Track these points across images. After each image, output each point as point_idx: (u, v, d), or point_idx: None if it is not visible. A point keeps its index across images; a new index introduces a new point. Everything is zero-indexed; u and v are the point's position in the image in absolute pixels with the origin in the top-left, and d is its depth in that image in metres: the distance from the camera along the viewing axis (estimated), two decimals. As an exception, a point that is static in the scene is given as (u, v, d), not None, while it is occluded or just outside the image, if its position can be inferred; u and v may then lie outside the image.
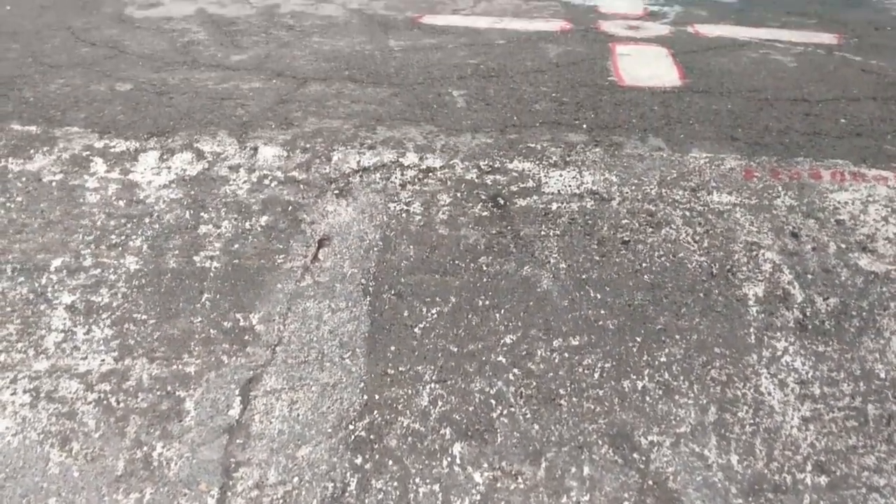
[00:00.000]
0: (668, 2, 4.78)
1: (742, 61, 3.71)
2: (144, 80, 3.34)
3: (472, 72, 3.56)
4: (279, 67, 3.55)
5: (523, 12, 4.54)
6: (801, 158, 2.74)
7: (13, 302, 2.06)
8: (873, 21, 4.39)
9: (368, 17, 4.36)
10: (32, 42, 3.80)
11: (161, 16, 4.29)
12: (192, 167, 2.67)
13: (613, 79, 3.49)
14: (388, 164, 2.73)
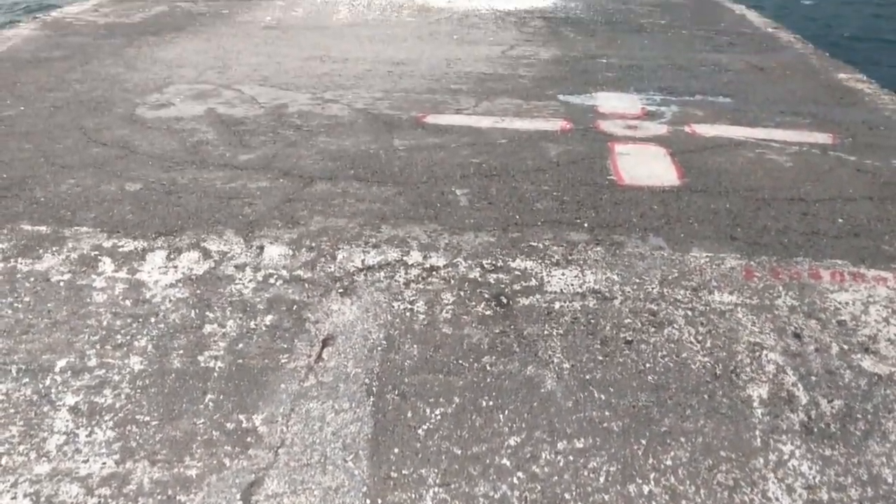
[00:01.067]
0: (665, 102, 4.91)
1: (739, 161, 3.79)
2: (154, 180, 3.41)
3: (474, 171, 3.64)
4: (286, 167, 3.63)
5: (524, 112, 4.65)
6: (801, 258, 2.77)
7: (17, 403, 2.06)
8: (867, 121, 4.49)
9: (374, 117, 4.47)
10: (45, 142, 3.89)
11: (172, 116, 4.41)
12: (198, 266, 2.70)
13: (613, 178, 3.57)
14: (392, 263, 2.76)
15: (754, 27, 7.87)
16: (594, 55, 6.39)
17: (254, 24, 7.56)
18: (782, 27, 7.86)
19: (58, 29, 6.97)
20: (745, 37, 7.28)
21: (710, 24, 7.99)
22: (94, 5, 8.47)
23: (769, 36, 7.34)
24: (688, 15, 8.70)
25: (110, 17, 7.71)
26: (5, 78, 5.14)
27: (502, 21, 7.98)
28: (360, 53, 6.28)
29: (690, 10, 9.09)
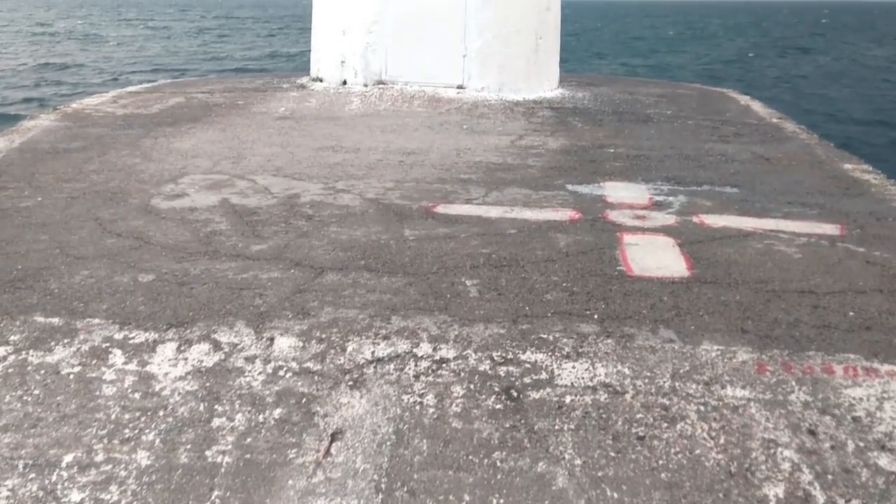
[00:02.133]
0: (673, 192, 4.97)
1: (748, 252, 3.80)
2: (167, 271, 3.45)
3: (484, 261, 3.66)
4: (298, 257, 3.67)
5: (533, 202, 4.71)
6: (813, 352, 2.76)
7: (22, 500, 2.03)
8: (874, 211, 4.52)
9: (385, 207, 4.53)
10: (60, 233, 3.95)
11: (186, 206, 4.48)
12: (208, 358, 2.70)
13: (622, 269, 3.58)
14: (402, 355, 2.76)
15: (759, 117, 8.01)
16: (602, 145, 6.50)
17: (268, 114, 7.74)
18: (787, 118, 8.00)
19: (77, 120, 7.16)
20: (750, 127, 7.41)
21: (716, 115, 8.14)
22: (113, 97, 8.72)
23: (774, 126, 7.47)
24: (693, 105, 8.87)
25: (128, 109, 7.92)
26: (25, 169, 5.26)
27: (511, 111, 8.15)
28: (371, 143, 6.41)
29: (696, 101, 9.27)
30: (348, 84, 9.27)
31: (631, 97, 9.42)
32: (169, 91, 9.38)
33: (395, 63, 9.15)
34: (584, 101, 8.98)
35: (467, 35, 8.93)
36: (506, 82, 9.08)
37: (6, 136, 6.38)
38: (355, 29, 9.14)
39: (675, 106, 8.73)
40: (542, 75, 9.51)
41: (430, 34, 9.02)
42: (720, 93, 10.23)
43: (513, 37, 9.06)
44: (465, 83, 9.03)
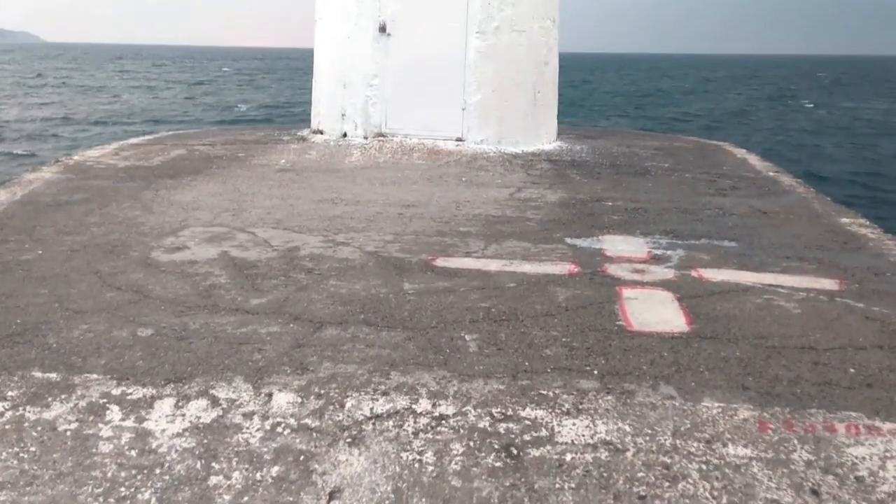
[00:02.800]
0: (671, 245, 4.98)
1: (747, 307, 3.80)
2: (166, 325, 3.44)
3: (483, 315, 3.66)
4: (297, 311, 3.67)
5: (532, 255, 4.73)
6: (815, 410, 2.74)
7: (15, 561, 2.00)
8: (872, 266, 4.54)
9: (384, 260, 4.55)
10: (60, 286, 3.95)
11: (186, 259, 4.49)
12: (206, 414, 2.68)
13: (622, 323, 3.58)
14: (400, 411, 2.74)
15: (756, 171, 8.08)
16: (600, 198, 6.54)
17: (269, 166, 7.80)
18: (783, 171, 8.06)
19: (79, 172, 7.21)
20: (747, 180, 7.46)
21: (713, 168, 8.21)
22: (115, 149, 8.80)
23: (771, 180, 7.53)
24: (690, 158, 8.95)
25: (130, 161, 7.98)
26: (26, 221, 5.28)
27: (510, 164, 8.22)
28: (371, 196, 6.45)
29: (693, 154, 9.36)
30: (349, 136, 9.37)
31: (628, 150, 9.51)
32: (171, 143, 9.46)
33: (395, 116, 9.26)
34: (582, 154, 9.06)
35: (467, 89, 9.06)
36: (505, 135, 9.18)
37: (8, 188, 6.43)
38: (356, 83, 9.26)
39: (672, 159, 8.80)
40: (540, 128, 9.62)
41: (429, 88, 9.14)
42: (716, 146, 10.33)
43: (511, 91, 9.19)
44: (464, 136, 9.12)
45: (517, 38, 9.14)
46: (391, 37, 9.08)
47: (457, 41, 9.04)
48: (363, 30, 9.14)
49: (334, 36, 9.46)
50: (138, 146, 9.13)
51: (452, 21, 8.99)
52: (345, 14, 9.25)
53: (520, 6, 9.08)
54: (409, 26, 9.06)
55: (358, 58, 9.22)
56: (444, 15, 9.03)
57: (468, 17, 8.96)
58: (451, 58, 9.06)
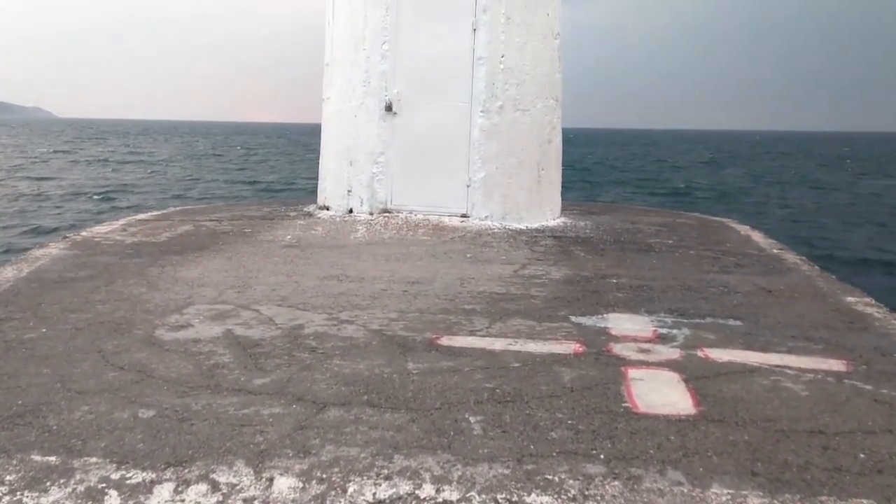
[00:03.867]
0: (676, 324, 4.97)
1: (754, 389, 3.77)
2: (167, 406, 3.42)
3: (488, 396, 3.62)
4: (300, 391, 3.64)
5: (537, 333, 4.71)
6: (825, 497, 2.69)
7: None
8: (879, 347, 4.50)
9: (388, 339, 4.53)
10: (62, 366, 3.94)
11: (189, 338, 4.48)
12: (206, 500, 2.64)
13: (628, 405, 3.54)
14: (403, 497, 2.69)
15: (759, 248, 8.10)
16: (604, 275, 6.54)
17: (275, 242, 7.85)
18: (787, 248, 8.08)
19: (86, 249, 7.25)
20: (751, 258, 7.47)
21: (717, 245, 8.23)
22: (123, 225, 8.87)
23: (775, 257, 7.54)
24: (694, 235, 8.98)
25: (137, 237, 8.04)
26: (31, 299, 5.30)
27: (514, 240, 8.26)
28: (376, 272, 6.47)
29: (696, 230, 9.40)
30: (354, 212, 9.44)
31: (632, 226, 9.56)
32: (178, 219, 9.55)
33: (400, 192, 9.35)
34: (586, 230, 9.11)
35: (471, 166, 9.16)
36: (509, 211, 9.25)
37: (15, 265, 6.46)
38: (362, 160, 9.38)
39: (676, 236, 8.84)
40: (544, 204, 9.70)
41: (435, 165, 9.26)
42: (719, 222, 10.38)
43: (515, 168, 9.30)
44: (469, 212, 9.19)
45: (521, 117, 9.29)
46: (397, 115, 9.24)
47: (462, 120, 9.19)
48: (369, 109, 9.31)
49: (341, 114, 9.63)
50: (146, 222, 9.21)
51: (458, 100, 9.16)
52: (352, 94, 9.43)
53: (523, 86, 9.25)
54: (414, 105, 9.22)
55: (364, 136, 9.36)
56: (449, 94, 9.20)
57: (473, 97, 9.13)
58: (456, 136, 9.20)
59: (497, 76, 9.12)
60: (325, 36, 10.05)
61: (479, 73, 9.11)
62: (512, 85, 9.18)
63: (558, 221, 9.74)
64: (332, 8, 9.79)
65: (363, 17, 9.26)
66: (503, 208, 9.23)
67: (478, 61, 9.09)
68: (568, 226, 9.45)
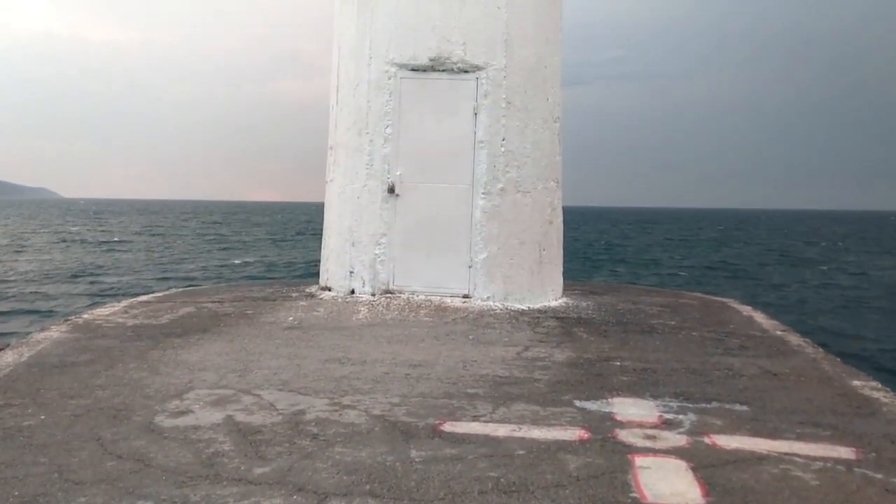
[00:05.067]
0: (682, 409, 4.91)
1: (763, 477, 3.70)
2: (165, 497, 3.35)
3: (493, 486, 3.56)
4: (301, 481, 3.58)
5: (541, 419, 4.65)
6: None
7: None
8: (888, 434, 4.44)
9: (391, 425, 4.48)
10: (60, 455, 3.88)
11: (189, 424, 4.43)
12: None
13: (635, 495, 3.47)
14: None
15: (763, 329, 8.06)
16: (608, 357, 6.50)
17: (276, 324, 7.83)
18: (791, 330, 8.04)
19: (87, 331, 7.23)
20: (755, 339, 7.43)
21: (720, 326, 8.20)
22: (125, 307, 8.86)
23: (779, 339, 7.50)
24: (696, 316, 8.96)
25: (139, 319, 8.02)
26: (31, 384, 5.25)
27: (516, 321, 8.24)
28: (378, 355, 6.43)
29: (699, 311, 9.38)
30: (356, 293, 9.45)
31: (634, 307, 9.55)
32: (180, 300, 9.54)
33: (402, 273, 9.38)
34: (589, 311, 9.09)
35: (473, 247, 9.21)
36: (511, 292, 9.26)
37: (16, 349, 6.43)
38: (365, 241, 9.44)
39: (679, 316, 8.81)
40: (546, 285, 9.71)
41: (437, 245, 9.31)
42: (722, 303, 10.36)
43: (517, 249, 9.35)
44: (471, 292, 9.20)
45: (522, 199, 9.39)
46: (400, 197, 9.33)
47: (464, 201, 9.28)
48: (372, 191, 9.41)
49: (344, 196, 9.73)
50: (148, 304, 9.20)
51: (459, 182, 9.27)
52: (355, 176, 9.55)
53: (524, 168, 9.38)
54: (417, 187, 9.33)
55: (367, 217, 9.44)
56: (451, 176, 9.31)
57: (475, 179, 9.24)
58: (458, 217, 9.28)
59: (498, 159, 9.25)
60: (329, 120, 10.23)
61: (480, 155, 9.25)
62: (513, 167, 9.30)
63: (560, 302, 9.73)
64: (337, 93, 10.00)
65: (367, 102, 9.45)
66: (505, 289, 9.24)
67: (479, 144, 9.24)
68: (570, 306, 9.44)
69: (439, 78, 9.29)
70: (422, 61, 9.25)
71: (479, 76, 9.23)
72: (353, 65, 9.65)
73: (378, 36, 9.40)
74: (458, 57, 9.19)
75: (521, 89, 9.37)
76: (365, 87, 9.48)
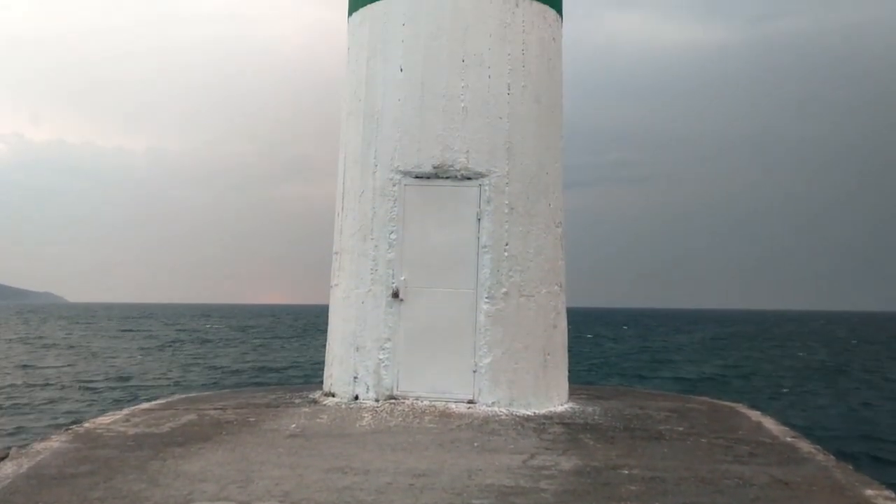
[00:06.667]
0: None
1: None
2: None
3: None
4: None
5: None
6: None
7: None
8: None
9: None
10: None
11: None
12: None
13: None
14: None
15: (773, 436, 7.94)
16: (615, 465, 6.39)
17: (279, 432, 7.74)
18: (801, 436, 7.92)
19: (87, 441, 7.15)
20: (764, 446, 7.31)
21: (728, 432, 8.09)
22: (126, 415, 8.79)
23: (789, 446, 7.38)
24: (704, 421, 8.84)
25: (140, 427, 7.94)
26: (29, 498, 5.17)
27: (522, 427, 8.13)
28: (381, 464, 6.33)
29: (707, 417, 9.26)
30: (360, 399, 9.36)
31: (641, 412, 9.43)
32: (182, 408, 9.45)
33: (407, 378, 9.32)
34: (595, 417, 8.98)
35: (477, 351, 9.18)
36: (516, 397, 9.17)
37: (15, 459, 6.35)
38: (369, 346, 9.42)
39: (686, 422, 8.70)
40: (551, 389, 9.63)
41: (441, 350, 9.28)
42: (730, 408, 10.23)
43: (522, 353, 9.31)
44: (475, 398, 9.11)
45: (526, 303, 9.41)
46: (404, 302, 9.37)
47: (468, 306, 9.30)
48: (376, 296, 9.45)
49: (348, 301, 9.77)
50: (149, 411, 9.12)
51: (463, 287, 9.32)
52: (360, 281, 9.62)
53: (527, 273, 9.44)
54: (421, 292, 9.37)
55: (371, 322, 9.45)
56: (455, 281, 9.37)
57: (478, 283, 9.29)
58: (462, 321, 9.29)
59: (502, 263, 9.33)
60: (334, 226, 10.37)
61: (484, 260, 9.32)
62: (516, 272, 9.37)
63: (566, 407, 9.62)
64: (342, 200, 10.18)
65: (372, 208, 9.61)
66: (510, 394, 9.16)
67: (483, 249, 9.33)
68: (576, 411, 9.32)
69: (443, 185, 9.47)
70: (426, 169, 9.45)
71: (481, 183, 9.40)
72: (359, 173, 9.86)
73: (383, 146, 9.63)
74: (461, 164, 9.39)
75: (523, 195, 9.53)
76: (370, 193, 9.66)
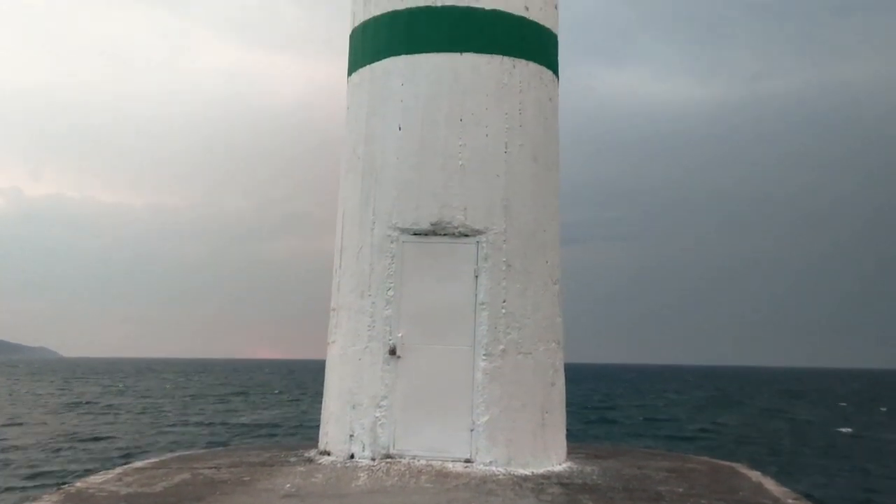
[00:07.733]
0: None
1: None
2: None
3: None
4: None
5: None
6: None
7: None
8: None
9: None
10: None
11: None
12: None
13: None
14: None
15: (774, 497, 7.85)
16: (615, 528, 6.29)
17: (273, 491, 7.64)
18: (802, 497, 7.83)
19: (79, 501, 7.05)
20: (766, 508, 7.22)
21: (728, 493, 8.00)
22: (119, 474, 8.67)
23: (791, 507, 7.29)
24: (704, 482, 8.75)
25: (133, 487, 7.83)
26: (17, 561, 5.07)
27: (520, 487, 8.03)
28: (377, 526, 6.23)
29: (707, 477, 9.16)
30: (356, 457, 9.25)
31: (640, 472, 9.32)
32: (175, 467, 9.32)
33: (403, 436, 9.22)
34: (594, 477, 8.87)
35: (475, 409, 9.10)
36: (514, 456, 9.07)
37: (5, 520, 6.25)
38: (365, 403, 9.34)
39: (686, 483, 8.60)
40: (549, 448, 9.53)
41: (438, 408, 9.20)
42: (730, 468, 10.13)
43: (519, 411, 9.24)
44: (473, 457, 9.00)
45: (524, 360, 9.37)
46: (401, 359, 9.32)
47: (465, 363, 9.25)
48: (373, 352, 9.41)
49: (345, 357, 9.72)
50: (142, 470, 9.00)
51: (461, 344, 9.28)
52: (356, 338, 9.58)
53: (525, 330, 9.42)
54: (418, 348, 9.33)
55: (368, 379, 9.38)
56: (452, 338, 9.33)
57: (475, 340, 9.25)
58: (459, 379, 9.23)
59: (499, 320, 9.31)
60: (332, 282, 10.37)
61: (481, 317, 9.30)
62: (514, 329, 9.35)
63: (564, 466, 9.51)
64: (340, 256, 10.19)
65: (369, 265, 9.62)
66: (508, 453, 9.05)
67: (480, 306, 9.32)
68: (574, 471, 9.21)
69: (441, 241, 9.50)
70: (424, 226, 9.49)
71: (479, 240, 9.44)
72: (357, 229, 9.90)
73: (381, 202, 9.69)
74: (459, 221, 9.43)
75: (520, 252, 9.56)
76: (368, 250, 9.68)
